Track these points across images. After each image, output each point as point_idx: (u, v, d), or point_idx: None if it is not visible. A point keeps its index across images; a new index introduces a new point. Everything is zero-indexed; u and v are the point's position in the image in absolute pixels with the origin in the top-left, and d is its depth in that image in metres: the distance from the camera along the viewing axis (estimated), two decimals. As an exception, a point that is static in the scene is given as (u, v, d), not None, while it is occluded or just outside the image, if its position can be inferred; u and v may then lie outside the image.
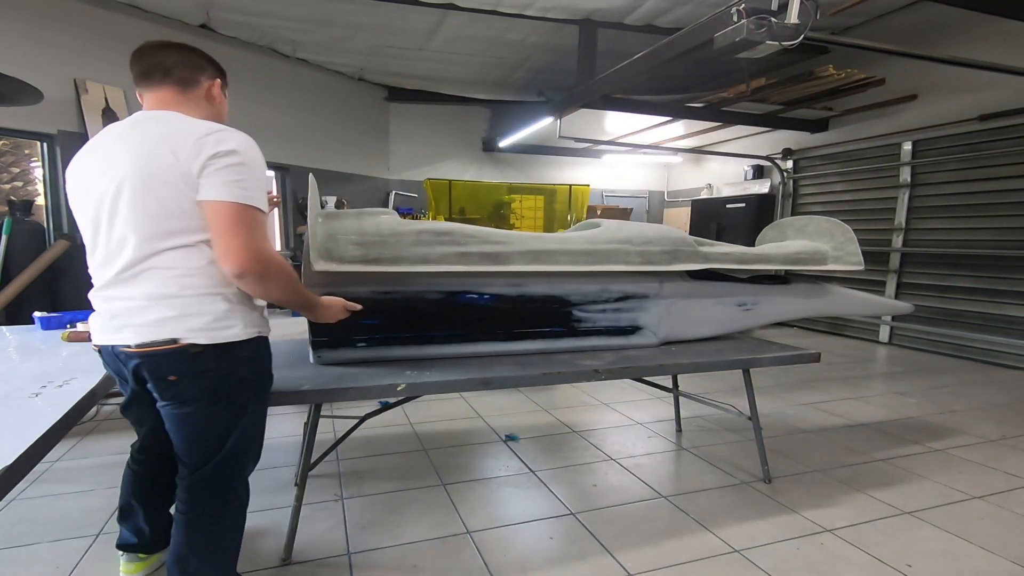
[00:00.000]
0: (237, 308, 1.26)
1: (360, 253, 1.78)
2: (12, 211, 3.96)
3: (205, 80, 1.36)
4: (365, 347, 1.95)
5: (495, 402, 3.49)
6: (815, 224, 2.82)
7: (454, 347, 2.08)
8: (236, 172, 1.19)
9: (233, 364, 1.28)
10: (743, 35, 2.74)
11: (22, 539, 1.89)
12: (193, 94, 1.34)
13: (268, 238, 1.24)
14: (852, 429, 3.12)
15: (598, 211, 7.85)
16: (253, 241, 1.19)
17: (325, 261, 1.73)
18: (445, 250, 1.90)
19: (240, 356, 1.28)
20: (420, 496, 2.25)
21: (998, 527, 2.07)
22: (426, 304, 1.97)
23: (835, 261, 2.62)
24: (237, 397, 1.31)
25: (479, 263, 1.93)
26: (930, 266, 5.32)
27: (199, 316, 1.21)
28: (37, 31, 4.27)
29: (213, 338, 1.23)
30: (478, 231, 2.02)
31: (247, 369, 1.32)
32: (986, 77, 4.41)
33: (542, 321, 2.19)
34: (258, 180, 1.24)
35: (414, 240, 1.87)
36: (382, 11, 4.91)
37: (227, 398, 1.29)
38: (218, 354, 1.24)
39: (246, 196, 1.20)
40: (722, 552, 1.88)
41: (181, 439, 1.31)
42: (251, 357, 1.32)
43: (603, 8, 4.78)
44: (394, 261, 1.82)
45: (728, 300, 2.53)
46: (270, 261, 1.22)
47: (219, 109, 1.41)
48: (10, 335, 2.32)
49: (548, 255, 2.06)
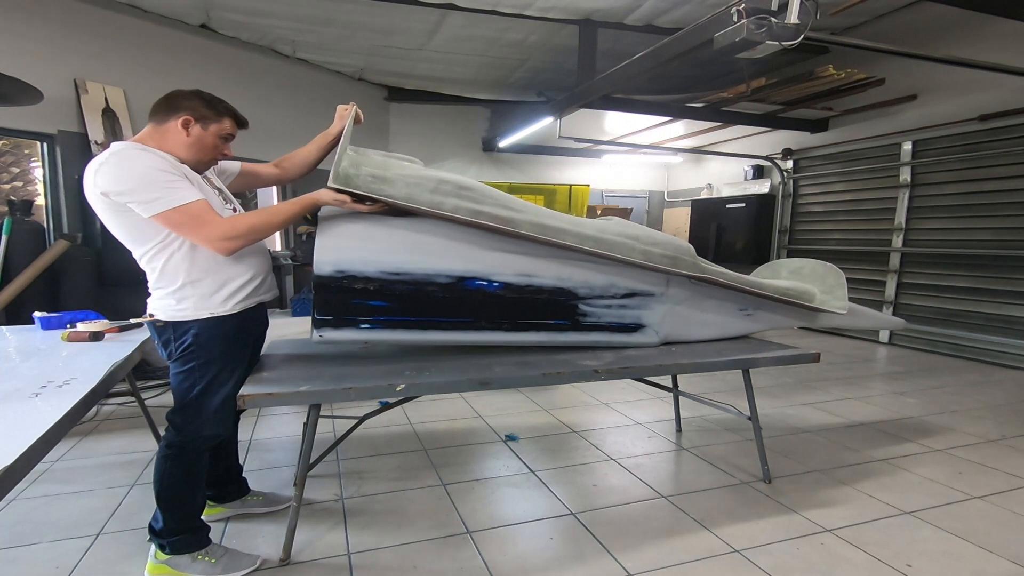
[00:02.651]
0: (191, 295, 1.60)
1: (377, 187, 1.77)
2: (12, 211, 3.96)
3: (177, 115, 1.60)
4: (368, 328, 1.93)
5: (495, 402, 3.49)
6: (810, 267, 2.84)
7: (458, 334, 2.06)
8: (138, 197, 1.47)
9: (183, 336, 1.62)
10: (743, 35, 2.74)
11: (22, 539, 1.89)
12: (165, 128, 1.63)
13: (210, 221, 1.52)
14: (852, 429, 3.12)
15: (598, 211, 7.85)
16: (200, 235, 1.52)
17: (342, 183, 1.71)
18: (460, 203, 1.88)
19: (188, 331, 1.62)
20: (420, 496, 2.25)
21: (998, 527, 2.07)
22: (434, 289, 1.95)
23: (821, 303, 2.64)
24: (188, 361, 1.64)
25: (490, 223, 1.91)
26: (930, 266, 5.32)
27: (163, 300, 1.61)
28: (37, 31, 4.26)
29: (170, 316, 1.61)
30: (497, 193, 2.01)
31: (192, 341, 1.63)
32: (986, 77, 4.40)
33: (548, 313, 2.18)
34: (147, 190, 1.47)
35: (433, 187, 1.85)
36: (382, 11, 4.91)
37: (184, 363, 1.64)
38: (173, 328, 1.62)
39: (154, 209, 1.47)
40: (722, 552, 1.88)
41: None
42: (197, 332, 1.62)
43: (603, 8, 4.78)
44: (407, 199, 1.80)
45: (730, 304, 2.54)
46: (228, 235, 1.54)
47: (183, 141, 1.64)
48: (10, 335, 2.32)
49: (556, 231, 2.04)
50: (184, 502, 1.71)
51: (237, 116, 1.71)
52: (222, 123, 1.66)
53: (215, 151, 1.69)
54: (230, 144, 1.74)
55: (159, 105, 1.62)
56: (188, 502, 1.73)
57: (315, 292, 1.82)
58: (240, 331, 1.72)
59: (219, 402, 1.69)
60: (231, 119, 1.69)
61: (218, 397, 1.69)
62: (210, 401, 1.68)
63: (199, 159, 1.65)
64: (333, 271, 1.81)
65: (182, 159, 1.62)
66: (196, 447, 1.71)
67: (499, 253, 2.02)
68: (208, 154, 1.67)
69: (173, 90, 1.65)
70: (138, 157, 1.51)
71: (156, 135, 1.61)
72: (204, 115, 1.62)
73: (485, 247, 1.99)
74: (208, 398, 1.67)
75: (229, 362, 1.71)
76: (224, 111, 1.68)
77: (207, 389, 1.67)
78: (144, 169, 1.48)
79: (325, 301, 1.85)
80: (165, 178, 1.48)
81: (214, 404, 1.68)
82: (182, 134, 1.60)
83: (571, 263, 2.14)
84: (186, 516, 1.72)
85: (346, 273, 1.83)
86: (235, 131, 1.72)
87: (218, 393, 1.69)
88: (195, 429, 1.68)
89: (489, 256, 2.01)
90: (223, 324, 1.65)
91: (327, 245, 1.80)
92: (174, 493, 1.69)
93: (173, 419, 1.69)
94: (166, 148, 1.59)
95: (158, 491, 1.69)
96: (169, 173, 1.50)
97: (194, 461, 1.72)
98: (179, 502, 1.70)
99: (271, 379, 1.76)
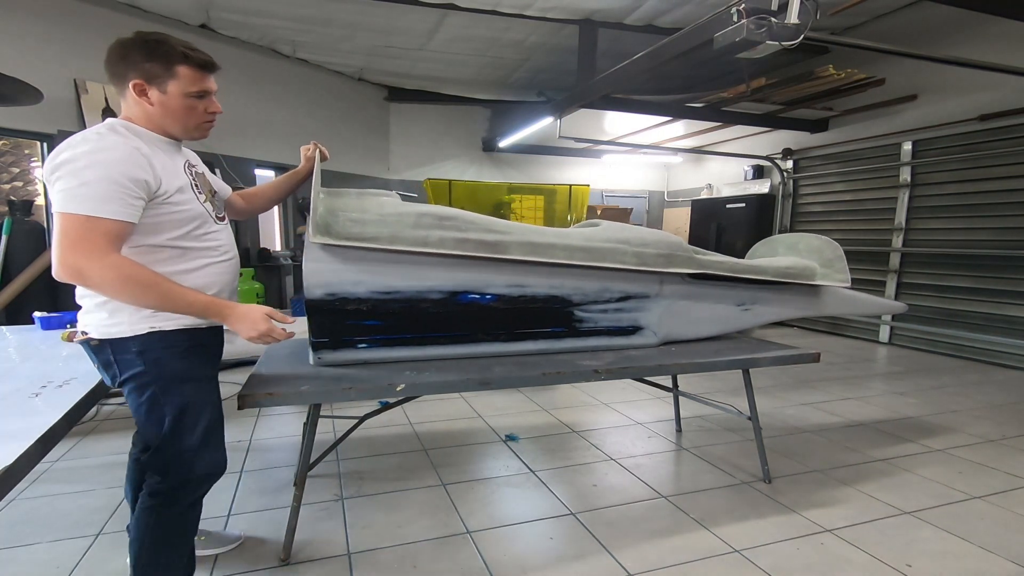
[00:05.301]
0: (124, 306, 1.28)
1: (358, 231, 1.77)
2: (12, 211, 3.96)
3: (127, 84, 1.30)
4: (366, 348, 1.95)
5: (495, 402, 3.49)
6: (806, 242, 2.84)
7: (456, 348, 2.07)
8: (63, 182, 1.18)
9: (125, 357, 1.31)
10: (743, 35, 2.74)
11: (22, 539, 1.89)
12: (127, 97, 1.33)
13: (101, 246, 1.17)
14: (852, 429, 3.12)
15: (598, 211, 7.85)
16: (64, 253, 1.17)
17: (323, 236, 1.71)
18: (444, 234, 1.88)
19: (130, 350, 1.31)
20: (420, 496, 2.25)
21: (998, 527, 2.07)
22: (428, 305, 1.97)
23: (823, 277, 2.64)
24: (144, 389, 1.33)
25: (477, 251, 1.92)
26: (930, 266, 5.32)
27: (95, 313, 1.31)
28: (37, 31, 4.27)
29: (104, 333, 1.30)
30: (480, 219, 2.01)
31: (138, 362, 1.31)
32: (986, 77, 4.40)
33: (544, 322, 2.19)
34: (87, 184, 1.17)
35: (414, 222, 1.86)
36: (382, 11, 4.91)
37: (137, 389, 1.33)
38: (112, 348, 1.31)
39: (65, 204, 1.17)
40: (722, 552, 1.88)
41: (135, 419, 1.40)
42: (141, 351, 1.30)
43: (603, 8, 4.78)
44: (391, 241, 1.80)
45: (727, 300, 2.53)
46: (83, 273, 1.18)
47: (150, 112, 1.32)
48: (10, 335, 2.32)
49: (545, 248, 2.05)
50: (171, 571, 1.41)
51: (192, 58, 1.30)
52: (177, 78, 1.29)
53: (195, 114, 1.35)
54: (212, 98, 1.38)
55: (106, 72, 1.31)
56: (175, 571, 1.42)
57: (309, 316, 1.82)
58: (193, 346, 1.38)
59: (202, 430, 1.37)
60: (187, 66, 1.29)
61: (200, 424, 1.37)
62: (189, 433, 1.35)
63: (186, 127, 1.37)
64: (324, 294, 1.80)
65: (173, 135, 1.37)
66: (190, 491, 1.38)
67: (488, 266, 2.02)
68: (191, 119, 1.36)
69: (113, 41, 1.29)
70: (116, 145, 1.23)
71: (129, 113, 1.34)
72: (153, 73, 1.28)
73: (473, 263, 1.99)
74: (185, 430, 1.34)
75: (195, 378, 1.38)
76: (173, 58, 1.28)
77: (180, 418, 1.33)
78: (102, 151, 1.20)
79: (320, 324, 1.84)
80: (119, 185, 1.19)
81: (196, 435, 1.36)
82: (143, 103, 1.30)
83: (561, 271, 2.14)
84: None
85: (337, 295, 1.82)
86: (205, 83, 1.34)
87: (198, 419, 1.36)
88: (183, 470, 1.35)
89: (478, 270, 2.01)
90: (169, 338, 1.33)
91: (314, 269, 1.77)
92: (157, 559, 1.37)
93: (151, 463, 1.36)
94: (146, 126, 1.33)
95: (136, 555, 1.36)
96: (129, 186, 1.20)
97: (186, 513, 1.40)
98: (163, 571, 1.39)
99: (271, 379, 1.76)
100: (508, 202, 7.61)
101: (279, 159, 6.16)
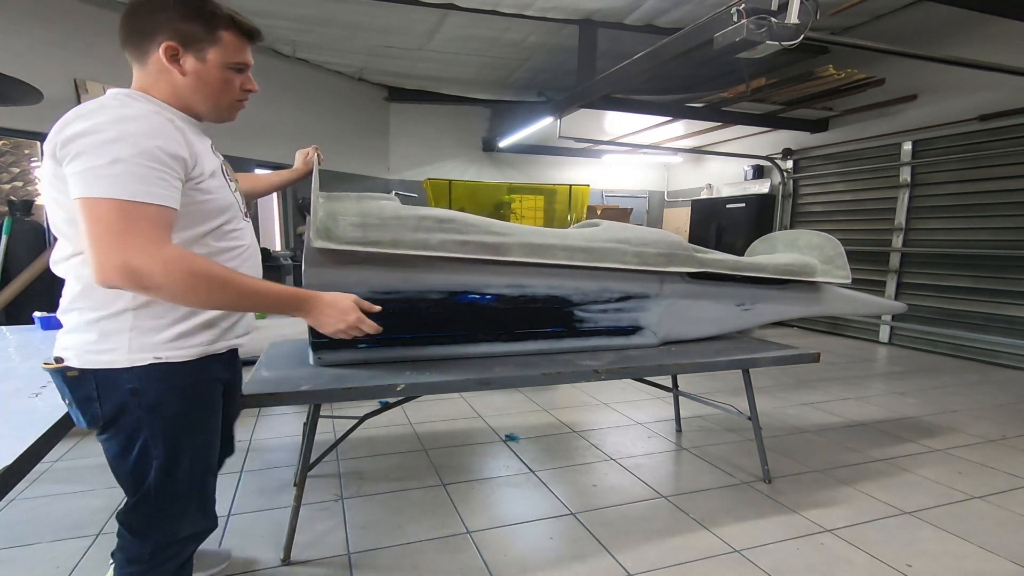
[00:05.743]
0: (126, 328, 1.03)
1: (359, 235, 1.77)
2: (12, 211, 3.96)
3: (155, 47, 1.05)
4: (366, 348, 1.95)
5: (495, 402, 3.49)
6: (805, 238, 2.84)
7: (456, 348, 2.07)
8: (85, 159, 0.92)
9: (113, 395, 1.04)
10: (743, 35, 2.74)
11: (22, 539, 1.89)
12: (150, 64, 1.08)
13: (153, 238, 0.94)
14: (852, 429, 3.12)
15: (598, 211, 7.86)
16: (108, 250, 0.92)
17: (323, 240, 1.72)
18: (445, 237, 1.89)
19: (121, 387, 1.04)
20: (420, 496, 2.25)
21: (998, 527, 2.07)
22: (428, 305, 1.97)
23: (823, 274, 2.64)
24: (133, 437, 1.07)
25: (478, 253, 1.93)
26: (930, 266, 5.32)
27: (81, 334, 1.04)
28: (37, 31, 4.27)
29: (88, 362, 1.03)
30: (480, 221, 2.01)
31: (132, 403, 1.05)
32: (986, 77, 4.40)
33: (544, 322, 2.19)
34: (120, 161, 0.92)
35: (415, 225, 1.86)
36: (382, 11, 4.91)
37: (123, 434, 1.07)
38: (97, 381, 1.04)
39: (92, 187, 0.91)
40: (722, 552, 1.88)
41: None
42: (136, 389, 1.04)
43: (603, 8, 4.78)
44: (393, 244, 1.80)
45: (727, 300, 2.53)
46: (141, 273, 0.93)
47: (178, 84, 1.09)
48: (10, 335, 2.32)
49: (546, 249, 2.06)
50: None
51: (239, 23, 1.11)
52: (220, 44, 1.08)
53: (230, 90, 1.14)
54: (249, 74, 1.17)
55: (124, 30, 1.06)
56: None
57: None
58: (201, 383, 1.14)
59: (196, 484, 1.15)
60: (233, 31, 1.10)
61: (194, 476, 1.14)
62: (179, 488, 1.12)
63: (218, 105, 1.14)
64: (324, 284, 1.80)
65: (199, 114, 1.14)
66: (174, 554, 1.16)
67: (488, 267, 2.02)
68: (225, 96, 1.13)
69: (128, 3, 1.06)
70: (146, 114, 1.00)
71: (147, 84, 1.08)
72: (192, 36, 1.06)
73: (474, 264, 1.99)
74: (177, 483, 1.11)
75: (197, 428, 1.15)
76: (219, 20, 1.08)
77: (171, 470, 1.09)
78: (138, 129, 0.96)
79: None
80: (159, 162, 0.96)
81: (186, 490, 1.13)
82: (173, 72, 1.06)
83: (561, 271, 2.14)
84: None
85: None
86: (247, 55, 1.14)
87: (192, 471, 1.13)
88: (166, 532, 1.13)
89: (479, 271, 2.01)
90: (175, 375, 1.08)
91: (314, 271, 1.78)
92: None
93: (127, 522, 1.12)
94: (167, 100, 1.09)
95: None
96: (171, 164, 0.99)
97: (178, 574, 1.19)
98: None
99: (271, 379, 1.76)
100: (508, 202, 7.62)
101: (278, 159, 6.16)
